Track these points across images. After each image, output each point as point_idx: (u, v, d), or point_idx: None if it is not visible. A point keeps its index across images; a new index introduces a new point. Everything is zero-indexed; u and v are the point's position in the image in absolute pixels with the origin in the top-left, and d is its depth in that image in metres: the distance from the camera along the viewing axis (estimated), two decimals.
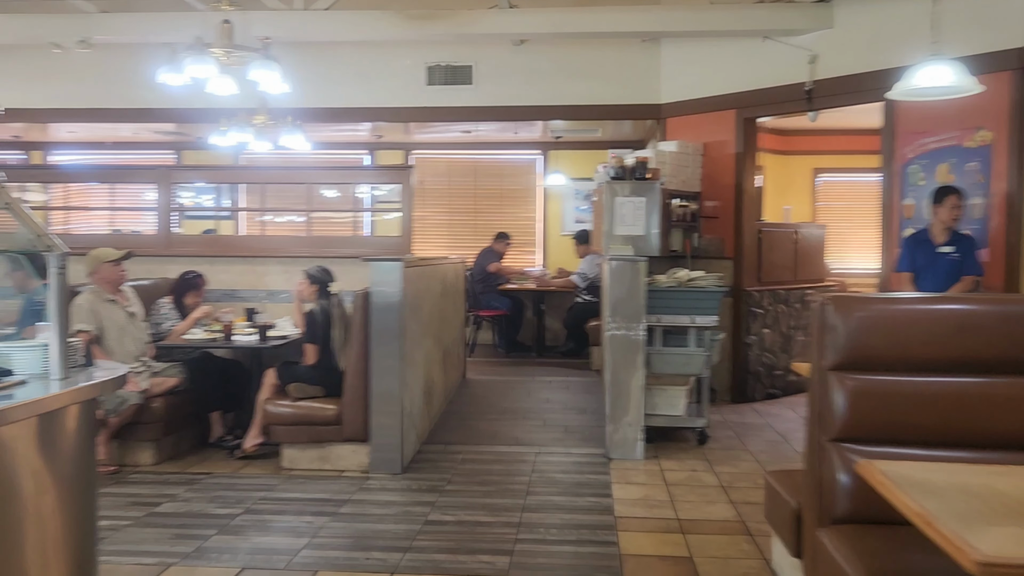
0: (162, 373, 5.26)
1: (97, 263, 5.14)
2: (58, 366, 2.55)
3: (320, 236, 6.49)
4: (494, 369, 8.68)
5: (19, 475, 2.31)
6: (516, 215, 10.70)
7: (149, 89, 7.84)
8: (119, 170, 6.78)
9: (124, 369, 2.85)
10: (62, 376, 2.56)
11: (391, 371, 5.02)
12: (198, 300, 5.83)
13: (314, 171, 6.50)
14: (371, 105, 8.29)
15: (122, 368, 2.86)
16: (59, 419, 2.49)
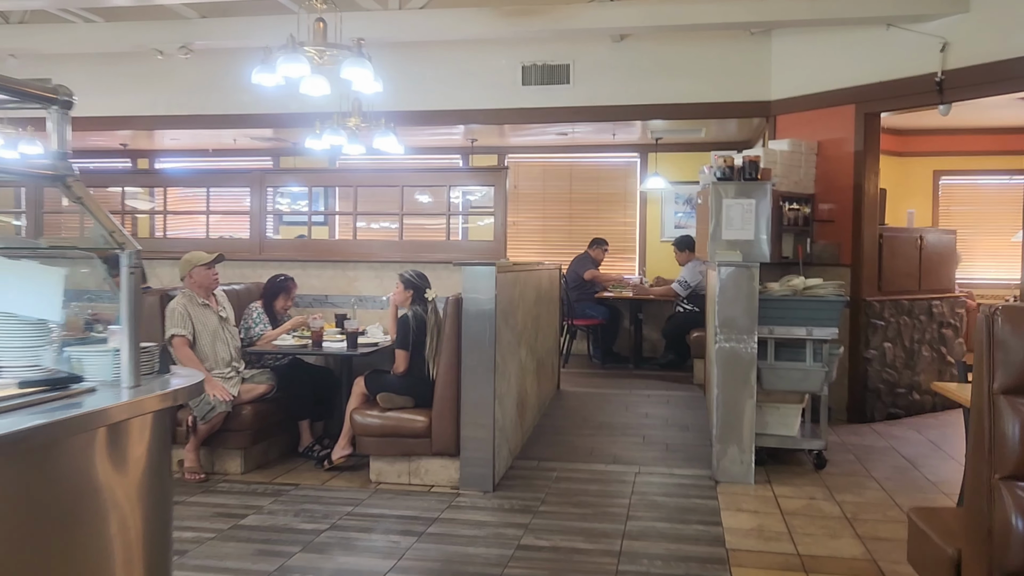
0: (252, 380, 5.15)
1: (190, 267, 5.08)
2: (129, 373, 2.37)
3: (412, 241, 6.31)
4: (589, 381, 8.32)
5: (86, 490, 2.13)
6: (613, 220, 10.32)
7: (247, 94, 7.90)
8: (214, 174, 6.80)
9: (200, 376, 2.66)
10: (133, 384, 2.38)
11: (483, 381, 4.75)
12: (288, 304, 5.72)
13: (407, 174, 6.33)
14: (464, 107, 8.10)
15: (198, 375, 2.67)
16: (129, 430, 2.31)
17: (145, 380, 2.48)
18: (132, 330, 2.38)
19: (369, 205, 8.55)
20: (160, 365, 2.62)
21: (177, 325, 4.88)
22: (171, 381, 2.55)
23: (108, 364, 2.42)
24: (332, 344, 5.25)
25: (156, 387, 2.44)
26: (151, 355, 2.59)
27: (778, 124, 7.46)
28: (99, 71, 8.56)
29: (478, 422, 4.75)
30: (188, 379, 2.59)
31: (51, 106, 2.35)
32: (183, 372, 2.71)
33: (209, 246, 6.52)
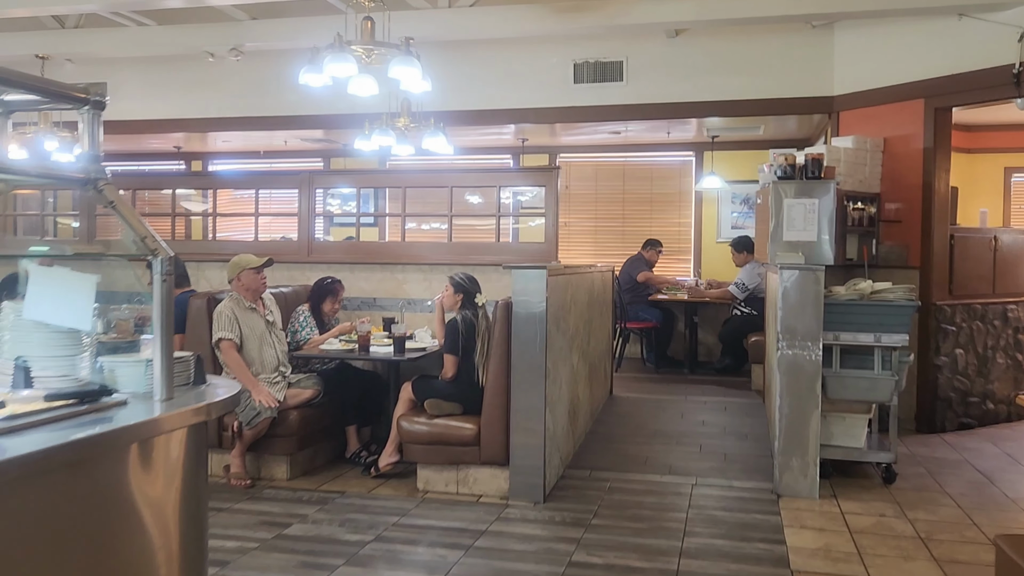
0: (298, 384, 5.07)
1: (239, 269, 5.02)
2: (161, 385, 2.27)
3: (461, 243, 6.17)
4: (643, 386, 8.10)
5: (116, 508, 2.04)
6: (667, 221, 10.06)
7: (296, 96, 7.87)
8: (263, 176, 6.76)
9: (236, 388, 2.56)
10: (166, 396, 2.27)
11: (533, 388, 4.59)
12: (335, 307, 5.64)
13: (455, 174, 6.20)
14: (515, 106, 7.96)
15: (234, 386, 2.57)
16: (162, 445, 2.21)
17: (180, 392, 2.39)
18: (164, 340, 2.28)
19: (419, 206, 8.48)
20: (196, 375, 2.53)
21: (224, 328, 4.83)
22: (206, 393, 2.45)
23: (141, 375, 2.32)
24: (379, 348, 5.14)
25: (190, 400, 2.34)
26: (186, 365, 2.49)
27: (841, 120, 7.15)
28: (153, 75, 8.64)
29: (528, 430, 4.59)
30: (224, 391, 2.48)
31: (83, 107, 2.27)
32: (220, 383, 2.61)
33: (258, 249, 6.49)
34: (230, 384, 2.60)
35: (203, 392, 2.46)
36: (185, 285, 5.45)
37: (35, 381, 2.39)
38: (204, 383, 2.54)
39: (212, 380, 2.61)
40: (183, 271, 5.47)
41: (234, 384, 2.60)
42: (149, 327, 3.01)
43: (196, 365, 2.53)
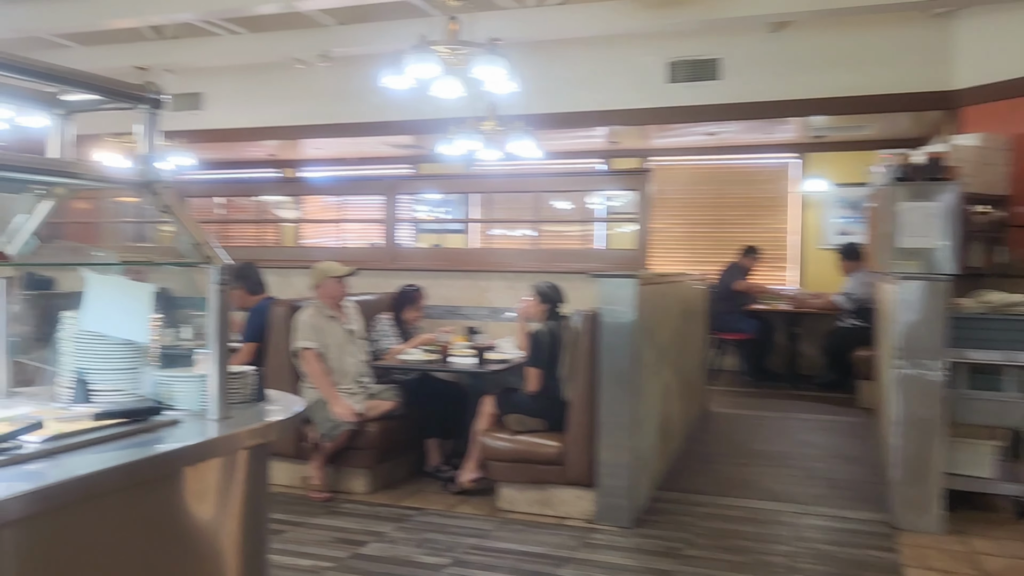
0: (378, 396, 4.92)
1: (322, 277, 4.90)
2: (217, 404, 2.10)
3: (547, 250, 5.94)
4: (740, 401, 7.66)
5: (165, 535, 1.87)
6: (766, 227, 9.55)
7: (384, 102, 7.81)
8: (348, 183, 6.70)
9: (301, 405, 2.38)
10: (221, 416, 2.11)
11: (621, 404, 4.30)
12: (417, 315, 5.48)
13: (542, 178, 5.97)
14: (605, 108, 7.67)
15: (297, 404, 2.39)
16: (215, 468, 2.04)
17: (239, 409, 2.22)
18: (220, 354, 2.11)
19: (506, 213, 8.28)
20: (255, 391, 2.36)
21: (306, 337, 4.72)
22: (266, 412, 2.27)
23: (195, 391, 2.16)
24: (460, 359, 4.95)
25: (248, 419, 2.17)
26: (245, 381, 2.33)
27: (964, 117, 6.56)
28: (246, 84, 8.77)
29: (615, 449, 4.30)
30: (285, 410, 2.30)
31: (139, 104, 2.13)
32: (282, 399, 2.44)
33: (343, 255, 6.41)
34: (291, 401, 2.42)
35: (263, 410, 2.29)
36: (262, 292, 5.38)
37: (94, 396, 2.28)
38: (263, 400, 2.37)
39: (274, 396, 2.44)
40: (259, 278, 5.40)
41: (296, 402, 2.42)
42: (236, 336, 2.86)
43: (256, 381, 2.36)
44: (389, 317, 5.44)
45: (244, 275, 5.35)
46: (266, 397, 2.39)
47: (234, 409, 2.21)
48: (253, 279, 5.37)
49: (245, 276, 5.35)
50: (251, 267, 5.44)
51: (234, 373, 2.30)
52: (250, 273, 5.38)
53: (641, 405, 4.45)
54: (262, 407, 2.31)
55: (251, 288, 5.34)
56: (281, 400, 2.42)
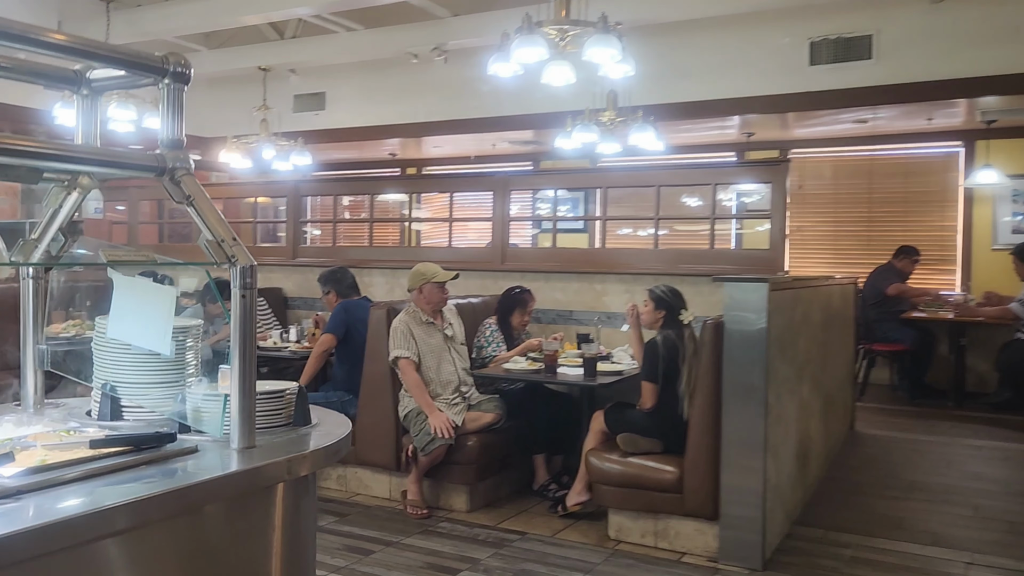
0: (478, 407, 4.55)
1: (422, 280, 4.59)
2: (240, 431, 1.77)
3: (670, 250, 5.40)
4: (893, 421, 6.79)
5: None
6: (925, 224, 8.51)
7: (501, 96, 7.54)
8: (457, 179, 6.39)
9: (347, 428, 2.02)
10: (244, 445, 1.77)
11: (750, 427, 3.73)
12: (525, 320, 5.09)
13: (664, 171, 5.43)
14: (737, 95, 7.02)
15: (345, 426, 2.03)
16: (240, 506, 1.71)
17: (272, 435, 1.89)
18: (245, 373, 1.78)
19: (629, 210, 7.75)
20: (298, 414, 2.02)
21: (401, 346, 4.42)
22: (305, 440, 1.92)
23: (219, 415, 1.84)
24: (568, 369, 4.50)
25: (282, 449, 1.82)
26: (282, 402, 1.99)
27: None
28: (365, 83, 8.70)
29: (743, 476, 3.74)
30: (328, 435, 1.95)
31: (162, 79, 1.83)
32: (332, 422, 2.09)
33: (449, 255, 6.12)
34: (337, 424, 2.06)
35: (303, 438, 1.94)
36: (354, 295, 5.19)
37: (126, 413, 2.02)
38: (309, 423, 2.03)
39: (322, 416, 2.10)
40: (351, 282, 5.24)
41: (344, 424, 2.06)
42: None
43: (299, 401, 2.02)
44: (494, 322, 5.08)
45: (335, 279, 5.17)
46: (311, 420, 2.03)
47: (269, 435, 1.88)
48: (345, 283, 5.17)
49: (336, 280, 5.16)
50: (343, 271, 5.26)
51: (269, 393, 1.97)
52: (341, 276, 5.19)
53: (774, 426, 3.86)
54: (303, 433, 1.97)
55: (342, 292, 5.15)
56: (327, 422, 2.07)
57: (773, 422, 3.84)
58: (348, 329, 4.86)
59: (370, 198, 6.56)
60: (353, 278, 5.24)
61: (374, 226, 6.90)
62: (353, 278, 5.24)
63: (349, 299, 5.08)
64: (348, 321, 4.87)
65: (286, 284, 6.59)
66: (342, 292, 5.15)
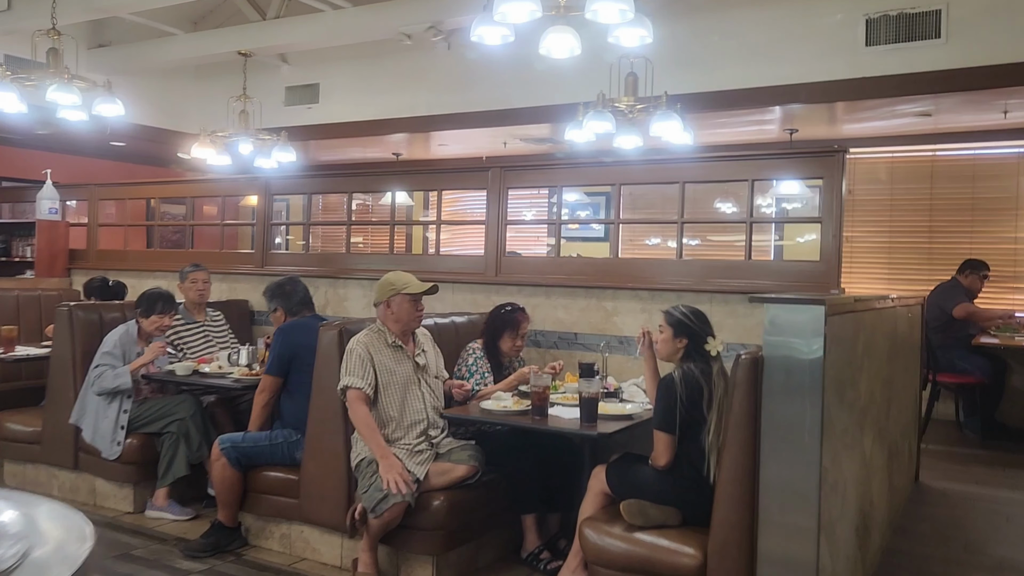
0: (449, 456, 3.61)
1: (391, 292, 3.68)
2: None
3: (697, 261, 4.46)
4: (963, 469, 5.72)
5: None
6: (997, 236, 7.40)
7: (510, 87, 6.77)
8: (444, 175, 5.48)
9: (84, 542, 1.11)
10: None
11: (800, 495, 2.77)
12: (518, 345, 4.17)
13: (690, 164, 4.47)
14: (779, 83, 6.05)
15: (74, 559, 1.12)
16: None
17: None
18: None
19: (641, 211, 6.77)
20: None
21: (354, 373, 3.52)
22: None
23: None
24: (563, 411, 3.56)
25: None
26: None
27: None
28: (362, 72, 7.92)
29: (789, 567, 2.77)
30: None
31: None
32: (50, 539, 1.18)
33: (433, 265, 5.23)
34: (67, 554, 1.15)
35: None
36: (305, 312, 4.29)
37: None
38: None
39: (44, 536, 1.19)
40: (303, 297, 4.32)
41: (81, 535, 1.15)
42: None
43: None
44: (480, 347, 4.16)
45: (283, 293, 4.29)
46: None
47: None
48: (295, 298, 4.28)
49: (284, 294, 4.28)
50: (293, 282, 4.37)
51: None
52: (291, 290, 4.30)
53: (829, 495, 2.89)
54: None
55: (291, 309, 4.26)
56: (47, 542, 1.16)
57: (828, 491, 2.87)
58: (293, 357, 3.98)
59: (348, 196, 5.67)
60: (305, 292, 4.36)
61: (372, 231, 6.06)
62: (305, 292, 4.36)
63: (293, 320, 4.20)
64: (291, 349, 3.99)
65: (253, 296, 5.74)
66: (291, 309, 4.28)
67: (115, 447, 4.36)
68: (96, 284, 5.72)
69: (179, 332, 4.97)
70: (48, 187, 6.78)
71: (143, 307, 4.53)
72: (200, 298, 5.12)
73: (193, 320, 5.09)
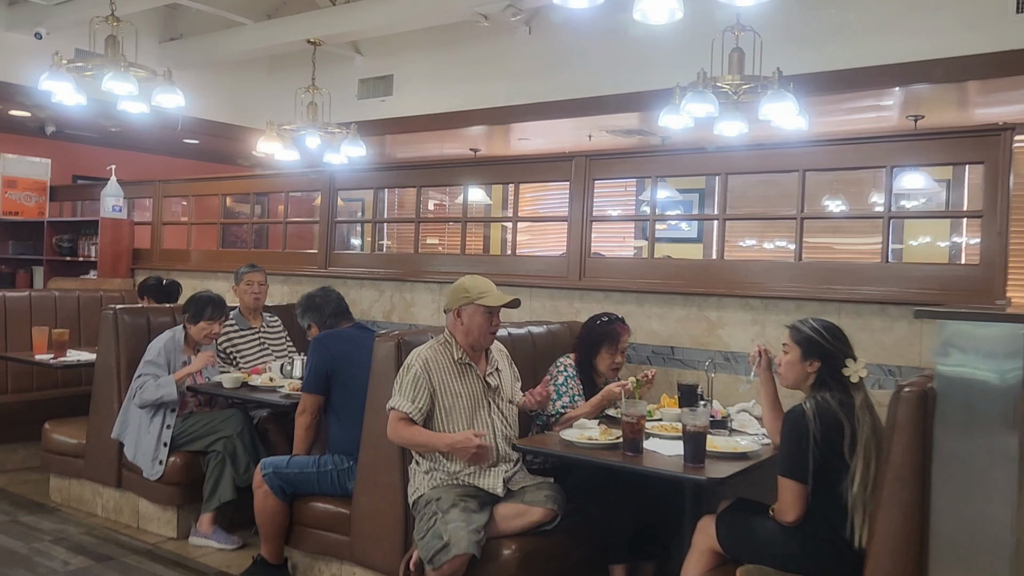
0: (522, 496, 3.01)
1: (464, 300, 3.11)
2: None
3: (817, 263, 3.75)
4: None
5: None
6: None
7: (599, 73, 6.23)
8: (522, 165, 4.88)
9: None
10: None
11: (989, 566, 2.08)
12: (617, 362, 3.55)
13: (811, 148, 3.75)
14: (908, 59, 5.24)
15: None
16: None
17: None
18: None
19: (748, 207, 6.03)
20: None
21: (404, 394, 2.97)
22: None
23: None
24: (661, 445, 2.92)
25: None
26: None
27: None
28: (438, 61, 7.44)
29: None
30: None
31: None
32: None
33: (509, 268, 4.67)
34: None
35: None
36: (343, 323, 3.79)
37: None
38: None
39: None
40: (337, 307, 3.84)
41: None
42: None
43: None
44: (572, 363, 3.56)
45: (314, 306, 3.80)
46: None
47: None
48: (326, 309, 3.79)
49: (316, 307, 3.79)
50: (325, 293, 3.89)
51: None
52: (323, 302, 3.81)
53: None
54: None
55: (325, 322, 3.77)
56: None
57: None
58: (332, 372, 3.47)
59: (417, 191, 5.16)
60: (339, 302, 3.85)
61: (448, 232, 5.55)
62: (339, 302, 3.85)
63: (324, 334, 3.70)
64: (328, 363, 3.48)
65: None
66: (324, 322, 3.79)
67: (157, 466, 3.96)
68: (150, 284, 5.38)
69: (232, 339, 4.55)
70: (112, 183, 6.52)
71: (191, 312, 4.12)
72: (255, 302, 4.69)
73: (248, 326, 4.67)
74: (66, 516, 4.33)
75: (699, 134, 5.43)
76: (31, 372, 5.30)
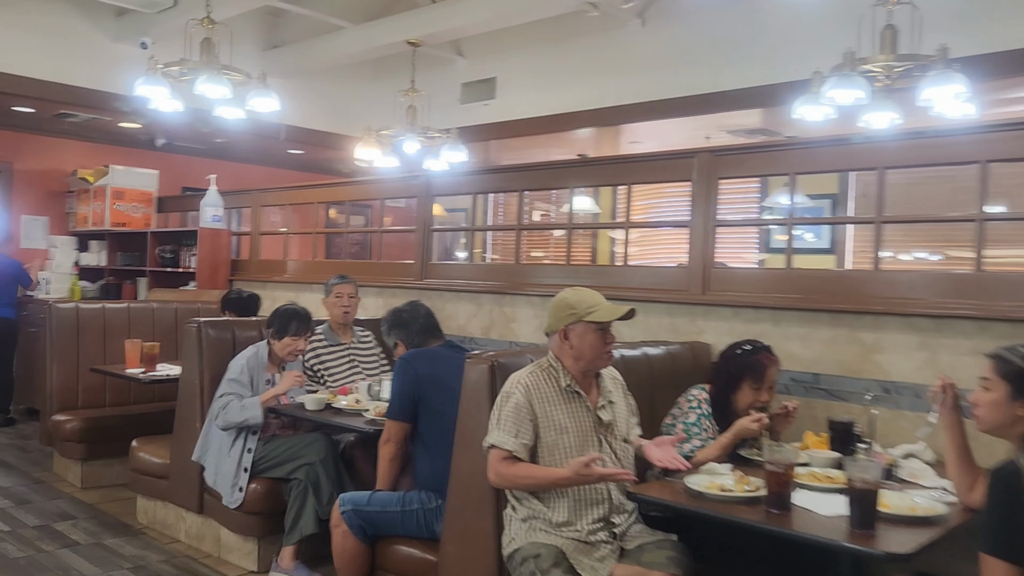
0: (640, 556, 2.49)
1: (571, 318, 2.62)
2: None
3: (1005, 275, 3.07)
4: None
5: None
6: None
7: (719, 68, 5.64)
8: (635, 163, 4.33)
9: None
10: None
11: None
12: (762, 400, 2.97)
13: (993, 134, 3.06)
14: None
15: None
16: None
17: None
18: None
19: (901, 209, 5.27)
20: None
21: (505, 428, 2.52)
22: None
23: None
24: (815, 500, 2.35)
25: None
26: None
27: None
28: (543, 62, 7.05)
29: None
30: None
31: None
32: None
33: (618, 280, 4.16)
34: None
35: None
36: (432, 342, 3.36)
37: None
38: None
39: None
40: (426, 323, 3.45)
41: None
42: None
43: None
44: (707, 396, 3.02)
45: (400, 322, 3.39)
46: None
47: None
48: (413, 327, 3.37)
49: (402, 323, 3.38)
50: (414, 308, 3.48)
51: None
52: (410, 318, 3.39)
53: None
54: None
55: (412, 340, 3.35)
56: None
57: None
58: (420, 397, 3.06)
59: (519, 196, 4.72)
60: (428, 318, 3.44)
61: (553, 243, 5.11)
62: (428, 318, 3.44)
63: (411, 353, 3.28)
64: (416, 386, 3.07)
65: None
66: (412, 341, 3.38)
67: (237, 493, 3.66)
68: (232, 297, 5.17)
69: (320, 355, 4.23)
70: (212, 193, 6.41)
71: (275, 327, 3.82)
72: (345, 316, 4.37)
73: (338, 341, 4.35)
74: (149, 541, 4.10)
75: (836, 130, 4.76)
76: (128, 386, 5.18)
